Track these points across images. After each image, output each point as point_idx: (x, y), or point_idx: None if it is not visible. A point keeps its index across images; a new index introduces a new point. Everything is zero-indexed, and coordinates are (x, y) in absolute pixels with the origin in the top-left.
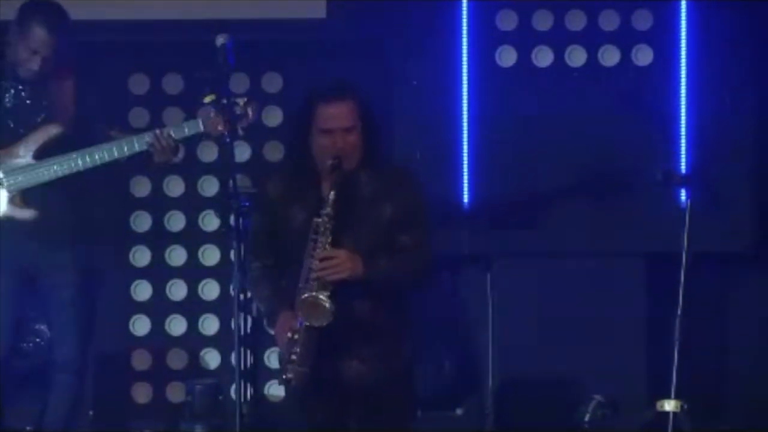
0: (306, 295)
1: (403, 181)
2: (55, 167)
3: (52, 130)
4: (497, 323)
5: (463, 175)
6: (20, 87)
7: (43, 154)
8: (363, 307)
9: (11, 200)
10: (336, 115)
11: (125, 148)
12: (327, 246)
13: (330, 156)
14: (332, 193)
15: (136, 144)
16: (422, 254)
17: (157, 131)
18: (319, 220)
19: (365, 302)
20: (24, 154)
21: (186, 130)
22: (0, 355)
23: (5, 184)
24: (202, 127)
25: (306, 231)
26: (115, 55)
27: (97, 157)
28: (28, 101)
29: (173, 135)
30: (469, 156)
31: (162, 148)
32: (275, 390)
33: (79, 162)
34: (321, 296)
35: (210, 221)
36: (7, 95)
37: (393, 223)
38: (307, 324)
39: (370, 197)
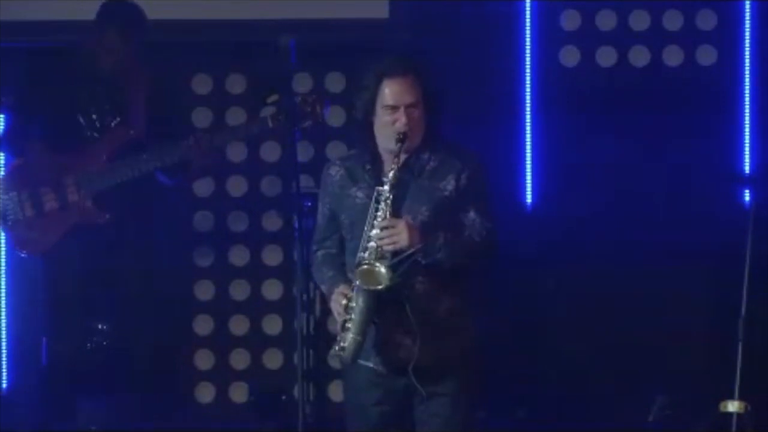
0: (363, 263)
1: (466, 158)
2: (127, 170)
3: (126, 136)
4: (561, 322)
5: (526, 176)
6: (97, 89)
7: (115, 157)
8: (420, 284)
9: (85, 204)
10: (401, 91)
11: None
12: (387, 215)
13: (395, 132)
14: (395, 165)
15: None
16: (487, 231)
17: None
18: (381, 188)
19: (423, 279)
20: (97, 159)
21: (255, 129)
22: (65, 355)
23: (81, 188)
24: (270, 124)
25: (366, 208)
26: (178, 55)
27: (166, 158)
28: (105, 105)
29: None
30: (532, 156)
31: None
32: (338, 390)
33: (149, 165)
34: (377, 263)
35: (272, 221)
36: (84, 96)
37: (456, 198)
38: (364, 288)
39: (433, 172)
